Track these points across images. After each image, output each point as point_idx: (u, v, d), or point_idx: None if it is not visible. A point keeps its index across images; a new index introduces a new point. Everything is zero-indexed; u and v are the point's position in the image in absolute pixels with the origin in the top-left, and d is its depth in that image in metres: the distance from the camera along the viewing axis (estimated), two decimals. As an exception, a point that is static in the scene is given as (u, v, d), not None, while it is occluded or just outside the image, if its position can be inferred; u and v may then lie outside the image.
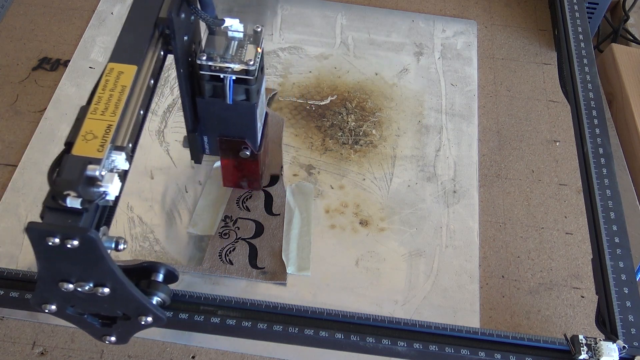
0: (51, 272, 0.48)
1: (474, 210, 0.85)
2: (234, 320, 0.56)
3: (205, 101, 0.66)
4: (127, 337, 0.57)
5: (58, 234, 0.44)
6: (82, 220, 0.45)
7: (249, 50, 0.62)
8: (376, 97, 0.96)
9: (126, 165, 0.49)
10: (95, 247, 0.45)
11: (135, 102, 0.53)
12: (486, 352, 0.55)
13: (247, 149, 0.72)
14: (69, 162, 0.45)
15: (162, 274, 0.55)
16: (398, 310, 0.75)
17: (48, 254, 0.46)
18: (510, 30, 1.09)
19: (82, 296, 0.50)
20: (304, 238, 0.80)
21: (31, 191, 0.82)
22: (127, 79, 0.51)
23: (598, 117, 0.73)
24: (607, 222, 0.65)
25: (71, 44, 1.00)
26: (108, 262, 0.47)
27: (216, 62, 0.61)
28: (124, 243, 0.50)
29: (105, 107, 0.49)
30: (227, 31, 0.63)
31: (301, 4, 1.08)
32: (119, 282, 0.49)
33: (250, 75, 0.62)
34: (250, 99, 0.66)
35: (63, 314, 0.53)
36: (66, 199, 0.44)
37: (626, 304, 0.59)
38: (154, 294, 0.54)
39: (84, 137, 0.47)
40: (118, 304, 0.52)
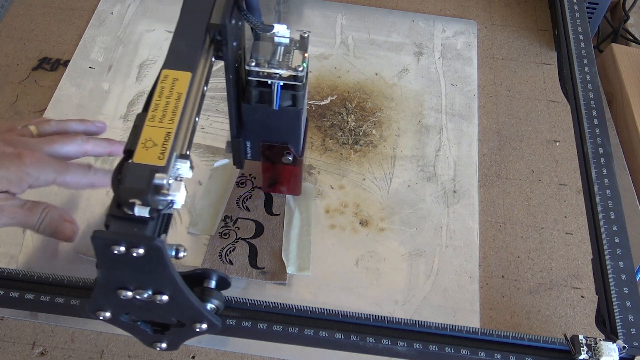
0: (111, 280, 0.48)
1: (474, 210, 0.85)
2: (234, 320, 0.56)
3: (251, 107, 0.65)
4: (178, 344, 0.57)
5: (124, 243, 0.43)
6: (148, 228, 0.45)
7: (296, 56, 0.62)
8: (376, 97, 0.96)
9: (190, 174, 0.48)
10: (161, 256, 0.45)
11: (191, 109, 0.53)
12: (486, 352, 0.55)
13: (290, 154, 0.72)
14: (132, 169, 0.45)
15: (215, 281, 0.55)
16: (398, 310, 0.75)
17: (111, 262, 0.46)
18: (510, 30, 1.09)
19: (139, 304, 0.50)
20: (304, 238, 0.80)
21: (31, 191, 0.82)
22: (182, 86, 0.51)
23: (598, 117, 0.73)
24: (607, 222, 0.65)
25: (71, 44, 1.00)
26: (170, 270, 0.46)
27: (264, 68, 0.61)
28: (184, 251, 0.49)
29: (163, 115, 0.49)
30: (274, 37, 0.63)
31: (301, 4, 1.08)
32: (179, 289, 0.48)
33: (298, 81, 0.62)
34: (297, 105, 0.65)
35: (117, 321, 0.53)
36: (134, 207, 0.43)
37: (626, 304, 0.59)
38: (208, 301, 0.54)
39: (144, 144, 0.47)
40: (175, 311, 0.51)
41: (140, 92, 0.94)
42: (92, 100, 0.92)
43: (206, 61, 0.56)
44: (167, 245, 0.48)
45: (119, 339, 0.71)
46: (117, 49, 0.98)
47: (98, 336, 0.72)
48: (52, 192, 0.82)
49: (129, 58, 0.97)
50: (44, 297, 0.56)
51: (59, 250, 0.77)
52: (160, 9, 1.05)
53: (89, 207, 0.81)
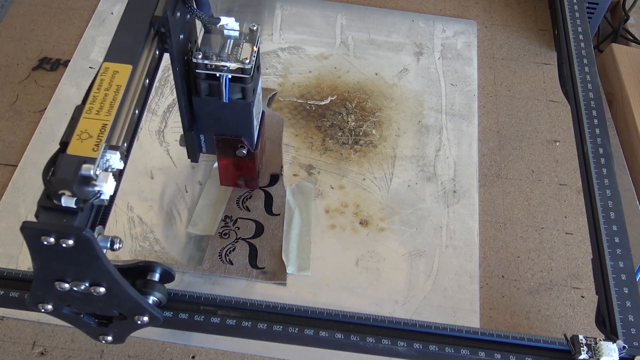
0: (47, 272, 0.48)
1: (474, 210, 0.85)
2: (234, 320, 0.56)
3: (201, 100, 0.66)
4: (123, 337, 0.57)
5: (53, 234, 0.43)
6: (77, 219, 0.45)
7: (245, 49, 0.62)
8: (376, 97, 0.96)
9: (121, 165, 0.49)
10: (91, 247, 0.45)
11: (131, 102, 0.53)
12: (486, 352, 0.55)
13: (244, 147, 0.72)
14: (64, 161, 0.45)
15: (159, 274, 0.55)
16: (398, 310, 0.75)
17: (43, 254, 0.46)
18: (510, 30, 1.09)
19: (77, 296, 0.50)
20: (304, 238, 0.80)
21: (31, 191, 0.82)
22: (122, 79, 0.52)
23: (598, 117, 0.73)
24: (607, 222, 0.65)
25: (71, 44, 1.00)
26: (103, 262, 0.46)
27: (212, 60, 0.61)
28: (119, 242, 0.49)
29: (100, 107, 0.50)
30: (223, 30, 0.63)
31: (301, 4, 1.08)
32: (115, 281, 0.49)
33: (246, 74, 0.63)
34: (246, 98, 0.66)
35: (59, 314, 0.53)
36: (61, 198, 0.44)
37: (626, 304, 0.59)
38: (150, 294, 0.54)
39: (79, 136, 0.47)
40: (114, 303, 0.51)
41: (140, 92, 0.94)
42: (92, 100, 0.92)
43: (149, 53, 0.56)
44: (102, 237, 0.48)
45: (119, 339, 0.71)
46: (117, 49, 0.98)
47: (98, 336, 0.72)
48: (52, 192, 0.82)
49: (129, 58, 0.97)
50: (43, 297, 0.56)
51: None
52: (160, 9, 1.04)
53: (89, 207, 0.81)
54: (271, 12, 1.06)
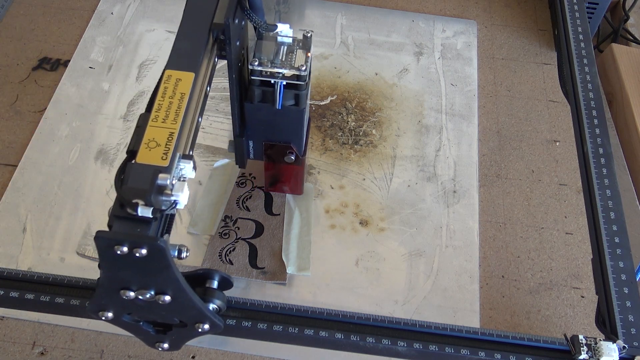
0: (114, 280, 0.48)
1: (474, 210, 0.85)
2: (234, 320, 0.56)
3: (254, 106, 0.65)
4: (180, 344, 0.56)
5: (127, 243, 0.43)
6: (150, 229, 0.44)
7: (299, 56, 0.62)
8: (376, 97, 0.96)
9: (193, 174, 0.48)
10: (163, 256, 0.44)
11: (195, 109, 0.53)
12: (486, 352, 0.55)
13: (293, 153, 0.72)
14: (136, 170, 0.45)
15: (217, 281, 0.55)
16: (398, 310, 0.75)
17: (114, 263, 0.45)
18: (510, 30, 1.09)
19: (141, 304, 0.50)
20: (304, 238, 0.80)
21: (31, 191, 0.82)
22: (185, 86, 0.51)
23: (598, 117, 0.73)
24: (607, 222, 0.65)
25: (71, 44, 1.00)
26: (174, 271, 0.46)
27: (267, 67, 0.61)
28: (186, 251, 0.49)
29: (166, 115, 0.49)
30: (277, 36, 0.63)
31: (301, 4, 1.08)
32: (181, 290, 0.48)
33: (301, 81, 0.62)
34: (300, 104, 0.65)
35: (119, 322, 0.53)
36: (137, 207, 0.43)
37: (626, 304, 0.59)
38: (210, 301, 0.54)
39: (147, 144, 0.47)
40: (177, 311, 0.51)
41: (140, 92, 0.94)
42: (92, 100, 0.92)
43: (209, 61, 0.56)
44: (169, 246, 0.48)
45: (119, 339, 0.71)
46: (117, 49, 0.98)
47: (98, 336, 0.72)
48: (51, 192, 0.82)
49: (129, 58, 0.97)
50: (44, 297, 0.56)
51: (59, 250, 0.77)
52: (160, 9, 1.05)
53: (89, 207, 0.81)
54: (271, 12, 1.06)
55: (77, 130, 0.89)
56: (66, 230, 0.79)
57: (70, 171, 0.85)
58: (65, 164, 0.85)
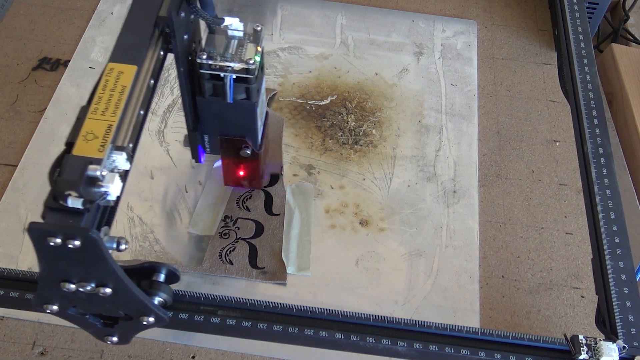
0: (53, 272, 0.48)
1: (474, 210, 0.85)
2: (234, 320, 0.56)
3: (205, 100, 0.66)
4: (129, 337, 0.57)
5: (60, 234, 0.44)
6: (83, 220, 0.45)
7: (249, 49, 0.62)
8: (376, 97, 0.96)
9: (127, 165, 0.49)
10: (97, 248, 0.45)
11: (136, 102, 0.53)
12: (486, 352, 0.55)
13: (248, 147, 0.72)
14: (70, 162, 0.45)
15: (164, 274, 0.55)
16: (398, 310, 0.75)
17: (49, 254, 0.46)
18: (510, 30, 1.09)
19: (83, 296, 0.50)
20: (304, 238, 0.80)
21: (31, 191, 0.82)
22: (127, 79, 0.52)
23: (598, 117, 0.73)
24: (607, 222, 0.65)
25: (71, 44, 1.00)
26: (110, 263, 0.46)
27: (216, 61, 0.61)
28: (125, 243, 0.49)
29: (106, 107, 0.50)
30: (227, 30, 0.63)
31: (301, 4, 1.08)
32: (121, 282, 0.49)
33: (250, 74, 0.63)
34: (251, 98, 0.66)
35: (65, 314, 0.53)
36: (67, 199, 0.44)
37: (626, 304, 0.59)
38: (155, 294, 0.54)
39: (85, 137, 0.47)
40: (120, 304, 0.51)
41: (140, 92, 0.94)
42: (92, 100, 0.92)
43: (154, 54, 0.56)
44: (108, 238, 0.48)
45: (119, 339, 0.71)
46: (117, 49, 0.98)
47: (98, 336, 0.72)
48: (52, 192, 0.82)
49: (129, 58, 0.97)
50: (43, 297, 0.56)
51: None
52: (160, 9, 1.04)
53: (89, 207, 0.81)
54: (271, 12, 1.06)
55: (77, 130, 0.89)
56: (66, 230, 0.79)
57: (70, 171, 0.85)
58: (65, 164, 0.85)
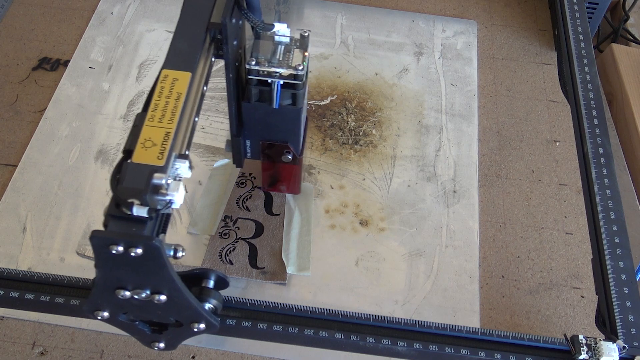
0: (109, 280, 0.48)
1: (474, 210, 0.85)
2: (234, 320, 0.56)
3: (251, 106, 0.65)
4: (176, 344, 0.56)
5: (122, 242, 0.43)
6: (146, 228, 0.44)
7: (296, 55, 0.62)
8: (376, 97, 0.96)
9: (189, 174, 0.48)
10: (159, 256, 0.44)
11: (191, 109, 0.53)
12: (486, 352, 0.55)
13: (290, 153, 0.72)
14: (131, 169, 0.45)
15: (213, 280, 0.55)
16: (398, 310, 0.75)
17: (109, 262, 0.45)
18: (510, 30, 1.09)
19: (137, 303, 0.50)
20: (304, 238, 0.80)
21: (31, 191, 0.82)
22: (182, 86, 0.51)
23: (598, 117, 0.73)
24: (607, 222, 0.65)
25: (71, 44, 1.00)
26: (169, 270, 0.46)
27: (264, 67, 0.61)
28: (182, 250, 0.49)
29: (162, 115, 0.49)
30: (274, 36, 0.63)
31: (301, 4, 1.08)
32: (177, 289, 0.48)
33: (298, 80, 0.62)
34: (297, 104, 0.65)
35: (115, 321, 0.53)
36: (132, 207, 0.43)
37: (626, 304, 0.59)
38: (206, 301, 0.54)
39: (143, 144, 0.47)
40: (173, 311, 0.51)
41: (140, 92, 0.94)
42: (92, 100, 0.92)
43: (206, 61, 0.56)
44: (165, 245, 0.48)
45: (119, 339, 0.71)
46: (117, 49, 0.98)
47: (98, 336, 0.72)
48: (51, 192, 0.82)
49: (129, 58, 0.97)
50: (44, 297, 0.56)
51: (59, 250, 0.77)
52: (160, 9, 1.05)
53: (89, 207, 0.81)
54: (271, 12, 1.06)
55: (77, 130, 0.89)
56: (66, 230, 0.79)
57: (70, 171, 0.85)
58: (65, 164, 0.85)
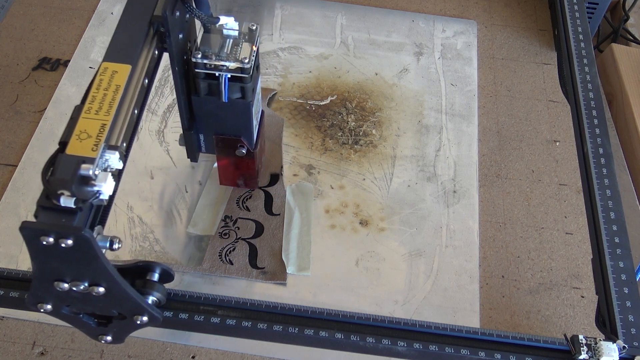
0: (46, 272, 0.48)
1: (474, 210, 0.85)
2: (234, 320, 0.56)
3: (200, 99, 0.66)
4: (123, 337, 0.57)
5: (52, 234, 0.43)
6: (76, 219, 0.44)
7: (244, 49, 0.62)
8: (376, 97, 0.96)
9: (120, 165, 0.49)
10: (90, 247, 0.45)
11: (130, 102, 0.53)
12: (486, 352, 0.55)
13: (243, 147, 0.72)
14: (63, 161, 0.45)
15: (158, 274, 0.55)
16: (398, 310, 0.75)
17: (42, 254, 0.46)
18: (510, 30, 1.09)
19: (77, 295, 0.50)
20: (304, 238, 0.80)
21: (31, 191, 0.82)
22: (121, 79, 0.52)
23: (598, 117, 0.73)
24: (607, 222, 0.65)
25: (71, 44, 1.00)
26: (102, 262, 0.46)
27: (211, 60, 0.61)
28: (118, 242, 0.49)
29: (100, 107, 0.50)
30: (223, 29, 0.63)
31: (301, 4, 1.08)
32: (114, 281, 0.49)
33: (245, 74, 0.63)
34: (246, 97, 0.66)
35: (58, 314, 0.53)
36: (60, 198, 0.44)
37: (626, 304, 0.59)
38: (149, 294, 0.54)
39: (78, 136, 0.47)
40: (113, 303, 0.51)
41: (140, 92, 0.94)
42: (92, 100, 0.92)
43: (148, 53, 0.56)
44: (101, 237, 0.48)
45: (119, 339, 0.72)
46: (117, 49, 0.98)
47: (98, 336, 0.72)
48: (52, 192, 0.82)
49: (129, 58, 0.97)
50: (43, 297, 0.56)
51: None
52: (160, 9, 1.04)
53: (89, 207, 0.81)
54: (271, 12, 1.06)
55: (77, 130, 0.89)
56: (66, 230, 0.79)
57: (70, 171, 0.85)
58: (65, 164, 0.85)
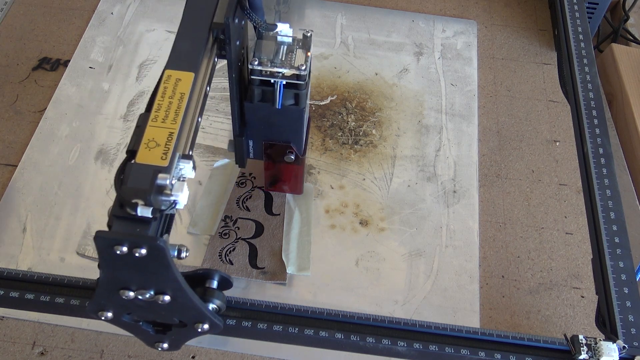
0: (113, 280, 0.48)
1: (474, 210, 0.85)
2: (234, 320, 0.56)
3: (253, 106, 0.65)
4: (179, 344, 0.56)
5: (126, 243, 0.43)
6: (150, 229, 0.44)
7: (299, 55, 0.62)
8: (376, 97, 0.96)
9: (192, 174, 0.48)
10: (163, 256, 0.44)
11: (194, 109, 0.53)
12: (486, 352, 0.55)
13: (292, 153, 0.72)
14: (136, 170, 0.45)
15: (217, 281, 0.55)
16: (398, 310, 0.75)
17: (113, 263, 0.45)
18: (510, 30, 1.09)
19: (141, 304, 0.50)
20: (304, 238, 0.80)
21: (31, 191, 0.82)
22: (185, 86, 0.51)
23: (598, 117, 0.73)
24: (607, 222, 0.65)
25: (71, 44, 1.00)
26: (173, 271, 0.46)
27: (267, 67, 0.61)
28: (186, 251, 0.49)
29: (166, 115, 0.49)
30: (277, 36, 0.63)
31: (301, 4, 1.08)
32: (181, 290, 0.48)
33: (301, 80, 0.63)
34: (299, 104, 0.65)
35: (119, 321, 0.53)
36: (136, 207, 0.43)
37: (626, 304, 0.59)
38: (210, 301, 0.54)
39: (147, 144, 0.47)
40: (177, 311, 0.51)
41: (140, 92, 0.94)
42: (92, 100, 0.92)
43: (209, 61, 0.56)
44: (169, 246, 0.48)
45: (119, 338, 0.71)
46: (117, 49, 0.98)
47: (98, 336, 0.72)
48: (51, 192, 0.82)
49: (129, 58, 0.97)
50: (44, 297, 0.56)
51: (59, 250, 0.77)
52: (160, 9, 1.04)
53: (89, 207, 0.81)
54: (271, 12, 1.06)
55: (77, 130, 0.89)
56: (66, 230, 0.79)
57: (70, 171, 0.85)
58: (65, 164, 0.85)
